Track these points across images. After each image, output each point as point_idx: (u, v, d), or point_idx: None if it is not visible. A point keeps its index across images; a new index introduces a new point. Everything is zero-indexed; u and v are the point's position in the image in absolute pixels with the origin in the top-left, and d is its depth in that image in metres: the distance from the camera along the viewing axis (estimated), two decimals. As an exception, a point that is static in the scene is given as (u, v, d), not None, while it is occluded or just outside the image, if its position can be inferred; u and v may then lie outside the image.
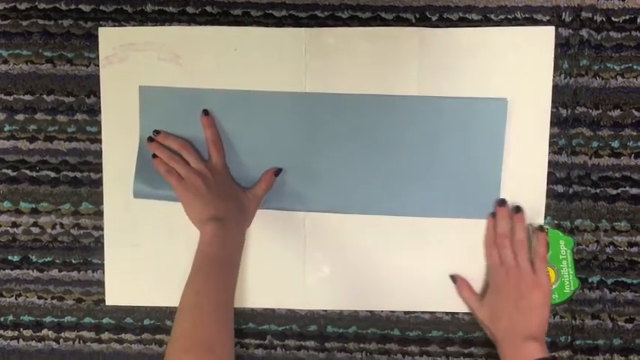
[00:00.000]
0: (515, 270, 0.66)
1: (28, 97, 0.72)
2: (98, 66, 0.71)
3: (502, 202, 0.69)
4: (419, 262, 0.71)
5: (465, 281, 0.70)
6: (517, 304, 0.64)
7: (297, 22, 0.70)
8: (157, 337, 0.74)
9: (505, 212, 0.68)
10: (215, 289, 0.60)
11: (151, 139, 0.70)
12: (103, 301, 0.74)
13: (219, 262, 0.62)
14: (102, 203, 0.73)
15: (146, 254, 0.73)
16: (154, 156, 0.69)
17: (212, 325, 0.58)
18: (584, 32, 0.69)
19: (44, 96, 0.72)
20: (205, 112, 0.70)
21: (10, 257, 0.74)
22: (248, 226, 0.70)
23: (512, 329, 0.64)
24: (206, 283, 0.61)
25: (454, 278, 0.71)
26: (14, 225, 0.74)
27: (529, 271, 0.66)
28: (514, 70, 0.69)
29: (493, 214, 0.69)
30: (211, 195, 0.65)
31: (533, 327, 0.64)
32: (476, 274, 0.71)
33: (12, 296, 0.74)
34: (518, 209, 0.68)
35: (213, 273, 0.61)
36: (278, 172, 0.70)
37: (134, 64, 0.71)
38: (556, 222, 0.71)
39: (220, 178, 0.68)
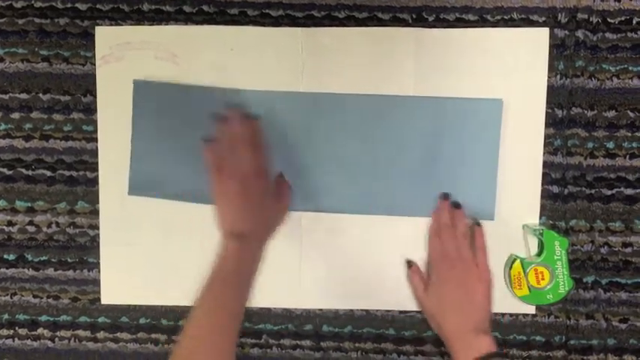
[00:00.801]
0: (460, 263, 0.66)
1: (23, 96, 0.72)
2: (94, 65, 0.71)
3: (446, 196, 0.70)
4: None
5: (418, 269, 0.71)
6: (464, 297, 0.65)
7: (293, 22, 0.70)
8: (153, 336, 0.74)
9: (447, 205, 0.69)
10: (224, 309, 0.59)
11: (221, 117, 0.64)
12: (99, 299, 0.74)
13: (233, 280, 0.61)
14: (98, 202, 0.72)
15: (142, 253, 0.73)
16: (207, 141, 0.65)
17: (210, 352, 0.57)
18: (579, 33, 0.69)
19: (40, 95, 0.72)
20: (253, 117, 0.66)
21: (5, 256, 0.74)
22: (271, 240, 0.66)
23: (462, 323, 0.64)
24: (216, 301, 0.59)
25: (409, 263, 0.71)
26: (10, 224, 0.74)
27: (472, 264, 0.67)
28: (509, 71, 0.70)
29: (445, 195, 0.70)
30: (245, 207, 0.62)
31: (482, 320, 0.64)
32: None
33: (7, 295, 0.74)
34: (457, 205, 0.69)
35: (225, 291, 0.60)
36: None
37: (131, 63, 0.71)
38: (551, 222, 0.71)
39: (262, 186, 0.64)
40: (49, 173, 0.73)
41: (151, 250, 0.73)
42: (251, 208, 0.63)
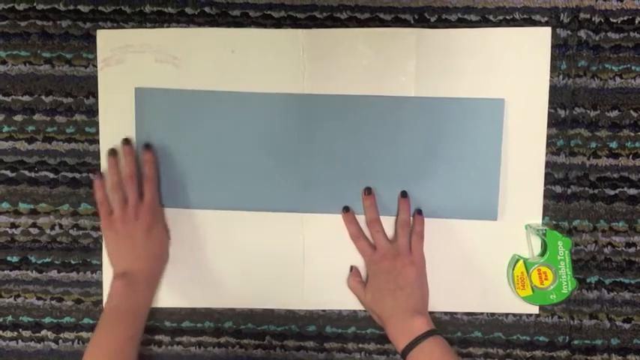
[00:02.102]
0: (391, 250, 0.67)
1: (26, 98, 0.72)
2: (97, 67, 0.71)
3: (369, 191, 0.70)
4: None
5: (357, 271, 0.71)
6: (396, 281, 0.66)
7: (295, 23, 0.70)
8: (156, 337, 0.74)
9: (373, 200, 0.69)
10: (112, 345, 0.63)
11: (113, 152, 0.70)
12: (102, 301, 0.74)
13: (121, 316, 0.64)
14: (101, 204, 0.73)
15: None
16: (98, 177, 0.70)
17: None
18: (582, 33, 0.69)
19: (43, 97, 0.72)
20: (147, 147, 0.70)
21: (9, 258, 0.74)
22: (162, 271, 0.70)
23: (396, 307, 0.65)
24: (106, 338, 0.64)
25: (351, 268, 0.72)
26: (13, 226, 0.74)
27: (406, 250, 0.67)
28: (511, 71, 0.69)
29: (346, 209, 0.70)
30: (129, 247, 0.67)
31: (414, 301, 0.65)
32: (473, 274, 0.71)
33: (11, 297, 0.74)
34: (404, 194, 0.70)
35: (114, 328, 0.64)
36: None
37: (132, 66, 0.71)
38: (554, 222, 0.71)
39: (146, 221, 0.67)
40: (51, 175, 0.73)
41: (154, 252, 0.73)
42: (135, 248, 0.67)
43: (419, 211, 0.70)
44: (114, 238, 0.68)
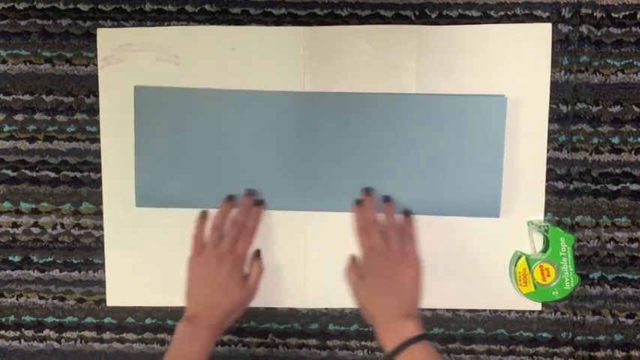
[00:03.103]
0: (388, 253, 0.67)
1: (27, 97, 0.72)
2: (97, 66, 0.71)
3: (368, 191, 0.70)
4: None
5: (356, 264, 0.71)
6: (390, 283, 0.66)
7: (295, 21, 0.70)
8: (159, 336, 0.74)
9: (372, 200, 0.70)
10: None
11: (230, 198, 0.70)
12: (105, 300, 0.74)
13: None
14: (102, 203, 0.72)
15: (147, 255, 0.73)
16: (204, 215, 0.70)
17: None
18: (583, 28, 0.69)
19: (43, 96, 0.72)
20: (258, 203, 0.71)
21: (10, 258, 0.74)
22: (229, 321, 0.68)
23: (388, 308, 0.64)
24: None
25: (351, 257, 0.72)
26: (15, 225, 0.74)
27: (399, 253, 0.67)
28: (513, 67, 0.69)
29: (358, 202, 0.70)
30: (204, 292, 0.67)
31: (407, 305, 0.65)
32: (475, 271, 0.71)
33: (13, 297, 0.74)
34: (387, 199, 0.70)
35: None
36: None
37: (132, 65, 0.71)
38: (557, 218, 0.71)
39: (232, 274, 0.67)
40: (53, 174, 0.73)
41: (156, 252, 0.72)
42: (211, 294, 0.66)
43: (406, 213, 0.70)
44: (193, 277, 0.68)
